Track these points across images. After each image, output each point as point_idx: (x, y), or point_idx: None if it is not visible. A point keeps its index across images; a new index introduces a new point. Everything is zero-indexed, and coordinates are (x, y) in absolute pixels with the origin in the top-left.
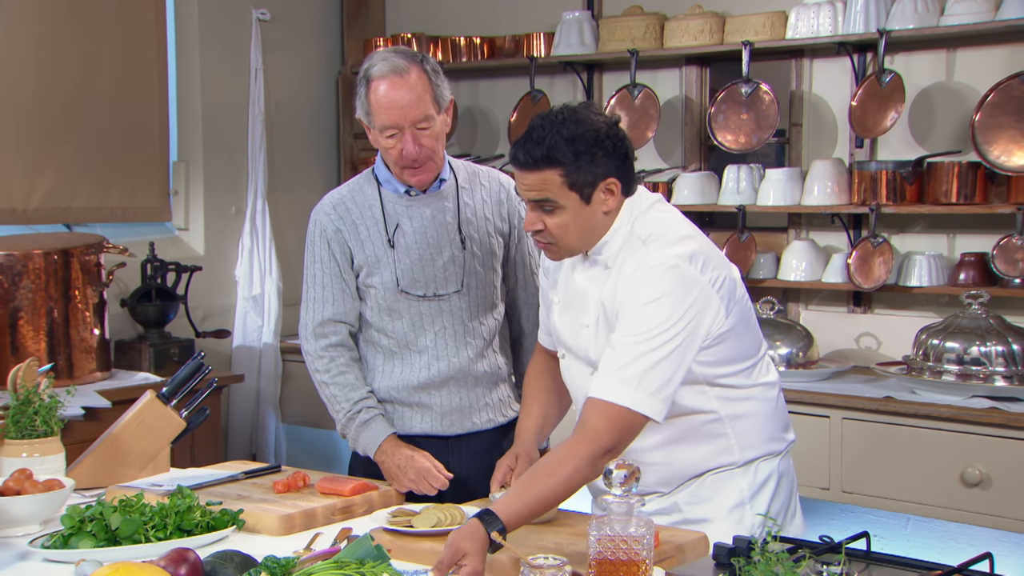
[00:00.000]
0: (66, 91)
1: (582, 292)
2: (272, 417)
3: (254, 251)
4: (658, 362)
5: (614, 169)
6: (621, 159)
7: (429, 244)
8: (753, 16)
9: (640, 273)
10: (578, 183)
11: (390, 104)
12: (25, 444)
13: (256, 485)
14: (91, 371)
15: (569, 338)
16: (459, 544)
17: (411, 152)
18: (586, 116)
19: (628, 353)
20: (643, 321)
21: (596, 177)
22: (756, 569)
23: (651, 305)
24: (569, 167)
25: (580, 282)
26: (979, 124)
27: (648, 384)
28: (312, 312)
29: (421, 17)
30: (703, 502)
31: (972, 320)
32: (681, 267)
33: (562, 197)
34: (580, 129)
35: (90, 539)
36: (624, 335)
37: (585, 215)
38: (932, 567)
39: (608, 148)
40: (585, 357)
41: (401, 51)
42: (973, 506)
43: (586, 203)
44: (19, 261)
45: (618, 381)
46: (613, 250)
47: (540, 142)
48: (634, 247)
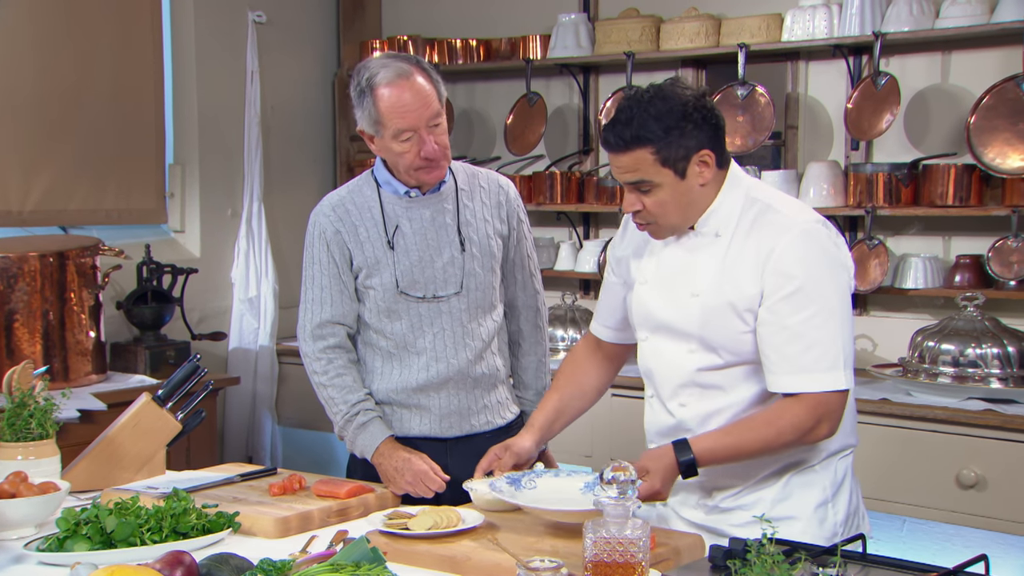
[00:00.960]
0: (62, 93)
1: (686, 265)
2: (268, 419)
3: (250, 253)
4: (844, 335)
5: (706, 140)
6: (712, 130)
7: (428, 246)
8: (749, 18)
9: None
10: (671, 159)
11: (404, 107)
12: (20, 447)
13: (252, 487)
14: (87, 373)
15: (667, 315)
16: (644, 461)
17: (431, 151)
18: (672, 91)
19: (812, 334)
20: (809, 295)
21: (689, 151)
22: (752, 571)
23: (810, 275)
24: (660, 144)
25: (681, 256)
26: (974, 126)
27: (846, 360)
28: (310, 314)
29: (417, 19)
30: (786, 499)
31: (968, 322)
32: (822, 230)
33: (657, 175)
34: (667, 105)
35: (85, 542)
36: (805, 316)
37: (682, 190)
38: (928, 569)
39: (697, 120)
40: (687, 331)
41: (396, 56)
42: (969, 508)
43: (681, 178)
44: (14, 263)
45: (825, 368)
46: (725, 217)
47: (628, 123)
48: (759, 212)
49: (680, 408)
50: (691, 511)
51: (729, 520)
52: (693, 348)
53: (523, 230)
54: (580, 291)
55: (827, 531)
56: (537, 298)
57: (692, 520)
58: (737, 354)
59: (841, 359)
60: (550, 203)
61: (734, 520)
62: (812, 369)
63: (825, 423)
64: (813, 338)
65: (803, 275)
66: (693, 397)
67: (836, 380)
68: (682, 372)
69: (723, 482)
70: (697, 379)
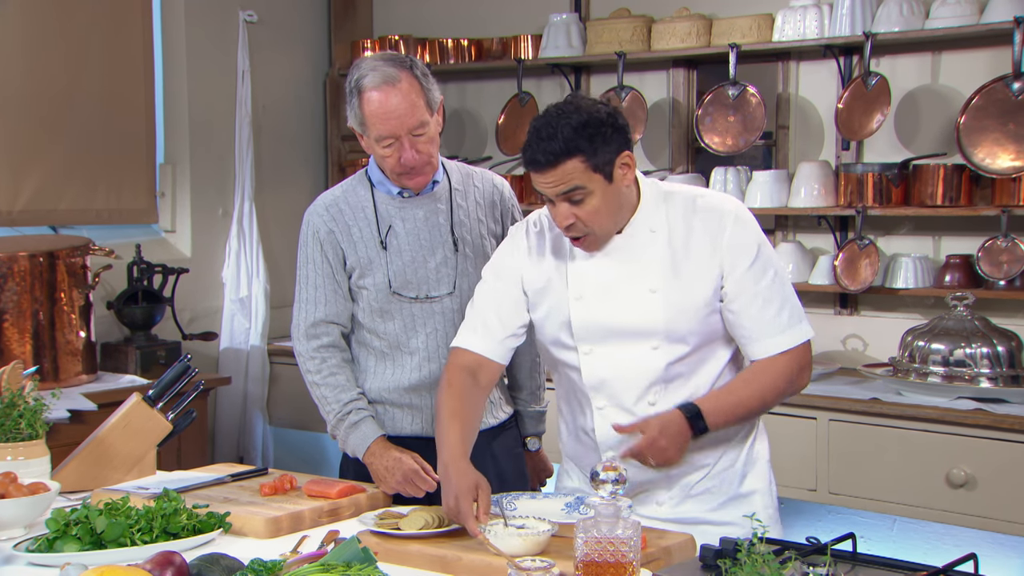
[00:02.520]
0: (52, 92)
1: (630, 267)
2: (259, 419)
3: (241, 253)
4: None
5: (624, 143)
6: (625, 133)
7: (422, 246)
8: (740, 19)
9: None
10: (599, 164)
11: (385, 115)
12: (10, 447)
13: (243, 488)
14: (77, 374)
15: (623, 320)
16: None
17: (410, 160)
18: (581, 103)
19: (778, 295)
20: (766, 261)
21: (612, 154)
22: (742, 570)
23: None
24: (587, 151)
25: (620, 260)
26: (964, 127)
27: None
28: (304, 313)
29: (408, 19)
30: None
31: (957, 322)
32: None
33: (588, 182)
34: (583, 116)
35: (75, 543)
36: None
37: (612, 194)
38: (918, 568)
39: (613, 124)
40: (648, 330)
41: (389, 58)
42: (958, 507)
43: (610, 182)
44: (4, 263)
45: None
46: (652, 214)
47: (553, 137)
48: (686, 201)
49: (649, 407)
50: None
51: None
52: (656, 344)
53: None
54: None
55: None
56: None
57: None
58: (704, 335)
59: (800, 312)
60: (541, 203)
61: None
62: (787, 327)
63: (806, 370)
64: (781, 298)
65: (755, 245)
66: (660, 394)
67: (806, 331)
68: (649, 372)
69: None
70: (666, 374)
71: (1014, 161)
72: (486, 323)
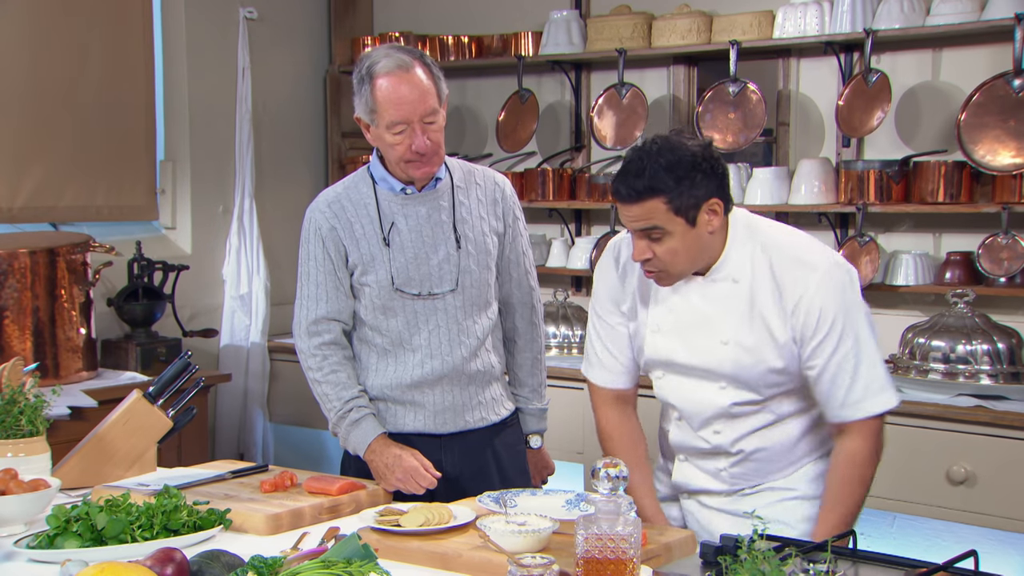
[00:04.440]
0: (53, 90)
1: (707, 313)
2: (260, 416)
3: (242, 250)
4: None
5: (715, 189)
6: (720, 179)
7: (424, 243)
8: (740, 16)
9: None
10: (683, 207)
11: (399, 100)
12: (10, 444)
13: (243, 484)
14: (77, 370)
15: (693, 361)
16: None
17: (422, 146)
18: (679, 142)
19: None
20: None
21: (699, 200)
22: (743, 567)
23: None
24: (672, 193)
25: (699, 304)
26: (964, 124)
27: (887, 379)
28: (306, 310)
29: (409, 16)
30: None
31: (958, 319)
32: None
33: (668, 223)
34: (676, 156)
35: (76, 539)
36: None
37: (692, 238)
38: (917, 565)
39: (706, 170)
40: (714, 372)
41: (401, 48)
42: (959, 504)
43: (692, 226)
44: (4, 260)
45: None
46: (739, 263)
47: (640, 174)
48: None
49: (715, 435)
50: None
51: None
52: (724, 386)
53: (519, 227)
54: (572, 288)
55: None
56: (532, 295)
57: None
58: (772, 387)
59: (884, 380)
60: (542, 200)
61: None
62: (863, 398)
63: (881, 443)
64: (856, 368)
65: (836, 310)
66: (726, 425)
67: (889, 400)
68: (713, 406)
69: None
70: (730, 411)
71: (1015, 158)
72: (601, 359)
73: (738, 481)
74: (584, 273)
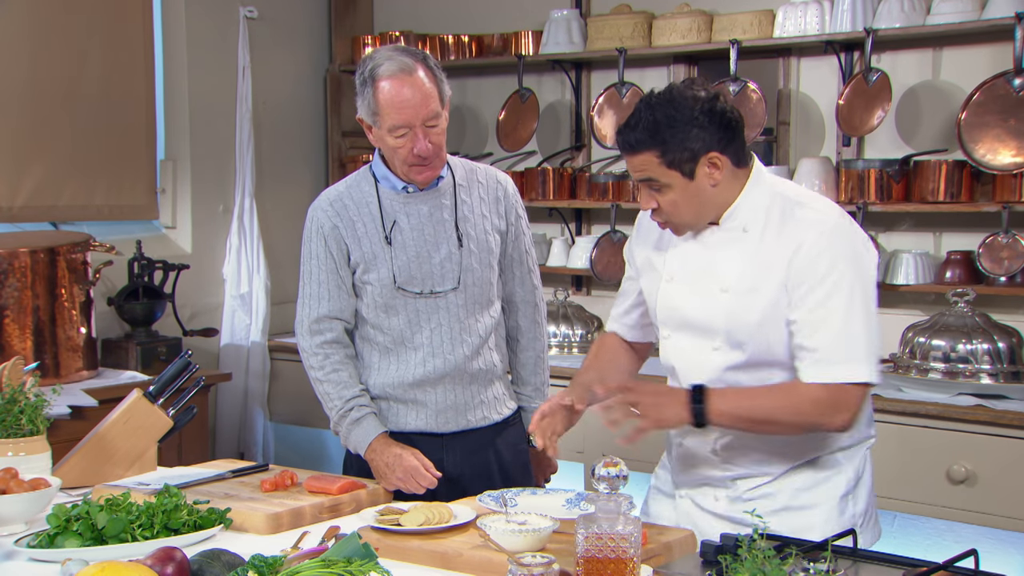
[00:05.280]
0: (53, 89)
1: (712, 261)
2: (260, 415)
3: (242, 249)
4: (868, 329)
5: (714, 143)
6: (722, 132)
7: (426, 241)
8: (741, 15)
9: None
10: (676, 161)
11: (402, 103)
12: (11, 443)
13: (244, 484)
14: (77, 370)
15: (694, 311)
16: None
17: (424, 149)
18: (681, 94)
19: (839, 323)
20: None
21: (695, 153)
22: (743, 566)
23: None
24: (663, 147)
25: (707, 252)
26: (965, 123)
27: (868, 353)
28: (308, 308)
29: (409, 15)
30: (811, 488)
31: (958, 318)
32: (850, 225)
33: (664, 176)
34: (672, 109)
35: (76, 538)
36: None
37: (692, 191)
38: (918, 564)
39: (703, 123)
40: (712, 327)
41: (404, 49)
42: (959, 503)
43: (690, 179)
44: (5, 259)
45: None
46: (751, 213)
47: (635, 127)
48: (786, 209)
49: None
50: (714, 503)
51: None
52: (718, 345)
53: (521, 226)
54: (572, 287)
55: (846, 521)
56: (535, 294)
57: (713, 511)
58: (762, 350)
59: (863, 351)
60: (542, 199)
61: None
62: (835, 360)
63: (844, 412)
64: (837, 330)
65: (828, 269)
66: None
67: (857, 372)
68: (706, 369)
69: (749, 471)
70: (724, 378)
71: (1015, 157)
72: (613, 315)
73: (730, 461)
74: (584, 272)
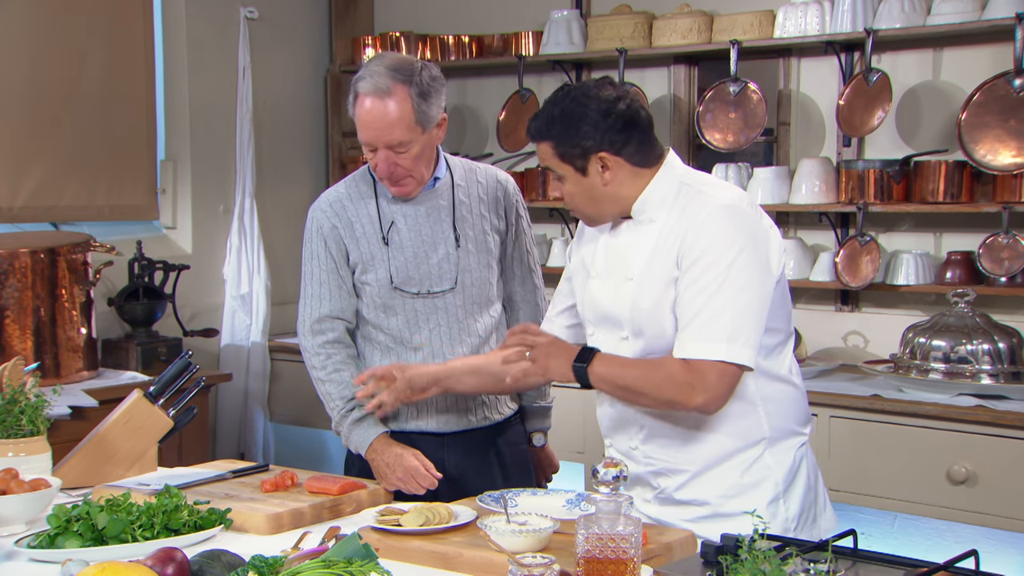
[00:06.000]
0: (53, 89)
1: (623, 252)
2: (260, 416)
3: (242, 250)
4: (741, 310)
5: (606, 144)
6: (614, 134)
7: (423, 242)
8: (741, 15)
9: (704, 216)
10: (567, 156)
11: (366, 124)
12: (11, 443)
13: (244, 484)
14: (78, 370)
15: (606, 303)
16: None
17: (383, 171)
18: (584, 92)
19: (712, 300)
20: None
21: (586, 151)
22: (743, 567)
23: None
24: (555, 141)
25: (619, 243)
26: (965, 123)
27: (734, 333)
28: (309, 309)
29: (409, 16)
30: (738, 496)
31: (958, 318)
32: (742, 207)
33: (558, 168)
34: (572, 105)
35: (76, 539)
36: (701, 285)
37: (586, 186)
38: (918, 564)
39: (597, 123)
40: (620, 317)
41: (393, 66)
42: (959, 504)
43: (583, 175)
44: (5, 260)
45: (716, 338)
46: (658, 203)
47: (537, 116)
48: (688, 195)
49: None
50: (645, 505)
51: (682, 514)
52: (625, 335)
53: (522, 225)
54: None
55: (778, 527)
56: (536, 293)
57: (647, 513)
58: (657, 335)
59: (727, 331)
60: (543, 200)
61: (687, 515)
62: (695, 336)
63: (699, 391)
64: (712, 304)
65: (707, 245)
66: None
67: (715, 350)
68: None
69: (669, 466)
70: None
71: (1015, 158)
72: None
73: (649, 456)
74: None
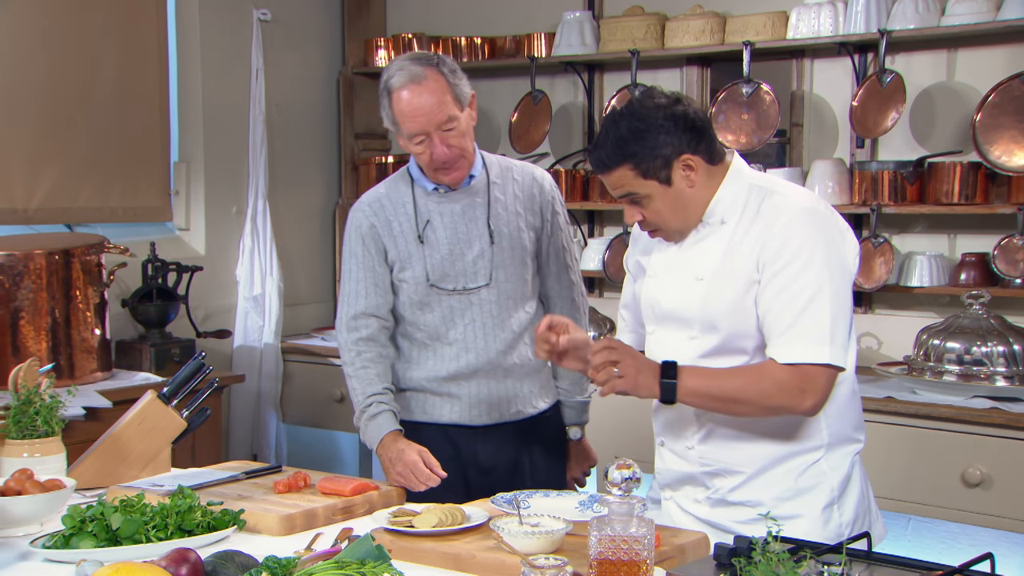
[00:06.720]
0: (67, 91)
1: (692, 253)
2: (273, 417)
3: (255, 251)
4: (836, 312)
5: (684, 146)
6: (688, 134)
7: (459, 239)
8: (754, 16)
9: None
10: (651, 170)
11: (413, 112)
12: (26, 444)
13: (257, 485)
14: (92, 371)
15: (671, 302)
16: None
17: (441, 155)
18: (642, 105)
19: (806, 302)
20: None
21: (667, 159)
22: (757, 569)
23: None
24: (635, 159)
25: (688, 246)
26: (980, 124)
27: (834, 336)
28: (347, 306)
29: (422, 17)
30: (793, 498)
31: (973, 320)
32: (820, 209)
33: (642, 188)
34: (635, 121)
35: (91, 539)
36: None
37: (672, 196)
38: (933, 567)
39: (669, 128)
40: (688, 317)
41: (416, 57)
42: (974, 506)
43: (668, 185)
44: (20, 261)
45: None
46: (730, 205)
47: (603, 145)
48: (759, 197)
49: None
50: (695, 505)
51: (733, 516)
52: (694, 334)
53: (558, 222)
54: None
55: (831, 532)
56: (573, 289)
57: (696, 515)
58: (735, 335)
59: (828, 334)
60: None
61: (739, 516)
62: (799, 340)
63: (809, 395)
64: (801, 311)
65: (796, 250)
66: None
67: (820, 353)
68: (682, 360)
69: (725, 467)
70: (699, 365)
71: None
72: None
73: (705, 456)
74: (597, 274)
